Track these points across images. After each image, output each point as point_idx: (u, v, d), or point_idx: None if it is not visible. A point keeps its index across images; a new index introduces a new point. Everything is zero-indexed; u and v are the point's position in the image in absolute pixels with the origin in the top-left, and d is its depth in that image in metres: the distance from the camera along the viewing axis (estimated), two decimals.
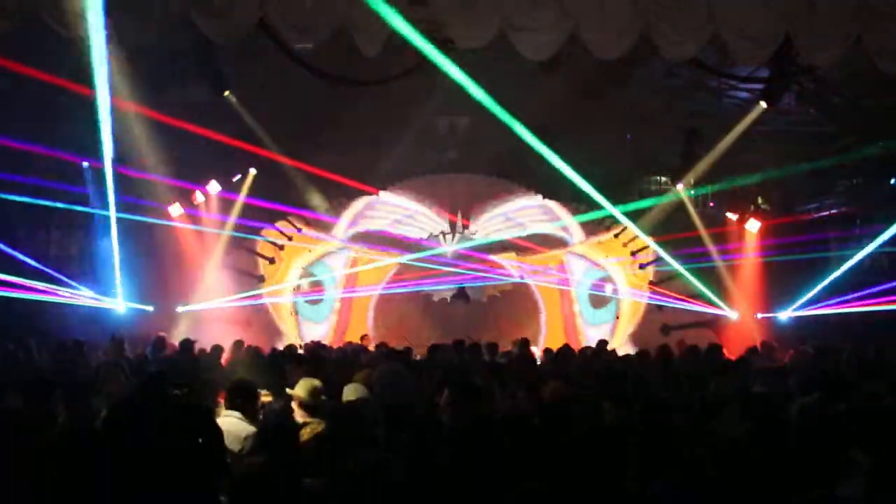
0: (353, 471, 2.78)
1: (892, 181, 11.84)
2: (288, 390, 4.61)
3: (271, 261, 12.33)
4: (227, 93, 9.87)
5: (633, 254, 12.54)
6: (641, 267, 12.56)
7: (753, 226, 12.14)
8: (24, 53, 7.70)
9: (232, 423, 4.00)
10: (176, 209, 11.38)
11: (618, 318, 12.77)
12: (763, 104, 9.94)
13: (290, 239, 12.35)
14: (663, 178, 12.93)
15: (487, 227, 12.74)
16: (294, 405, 4.47)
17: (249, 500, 2.70)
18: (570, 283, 12.80)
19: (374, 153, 11.73)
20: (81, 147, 9.76)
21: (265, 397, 4.73)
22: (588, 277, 12.82)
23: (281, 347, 9.73)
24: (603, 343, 9.81)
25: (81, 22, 7.00)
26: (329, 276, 12.65)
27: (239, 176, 11.97)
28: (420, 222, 12.76)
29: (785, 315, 11.90)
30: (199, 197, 11.71)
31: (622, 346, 11.41)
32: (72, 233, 12.04)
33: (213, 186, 11.76)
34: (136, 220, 10.58)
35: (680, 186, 12.23)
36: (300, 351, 8.98)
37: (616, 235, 12.59)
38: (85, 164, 10.64)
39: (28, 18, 7.13)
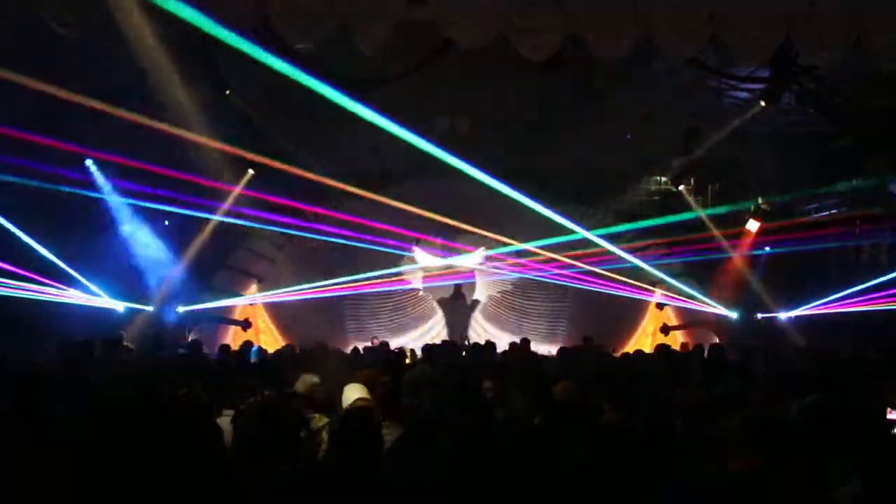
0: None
1: None
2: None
3: (271, 262, 12.32)
4: (227, 92, 9.86)
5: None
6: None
7: (753, 226, 12.13)
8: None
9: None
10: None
11: None
12: (763, 104, 9.95)
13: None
14: (663, 178, 12.92)
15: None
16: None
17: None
18: None
19: (373, 153, 11.71)
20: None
21: None
22: None
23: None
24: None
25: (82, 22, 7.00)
26: None
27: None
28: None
29: (785, 315, 11.90)
30: None
31: None
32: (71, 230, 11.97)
33: (213, 186, 11.72)
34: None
35: (682, 187, 12.23)
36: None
37: None
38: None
39: (28, 18, 7.12)
